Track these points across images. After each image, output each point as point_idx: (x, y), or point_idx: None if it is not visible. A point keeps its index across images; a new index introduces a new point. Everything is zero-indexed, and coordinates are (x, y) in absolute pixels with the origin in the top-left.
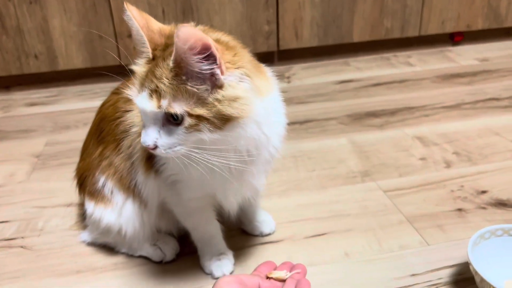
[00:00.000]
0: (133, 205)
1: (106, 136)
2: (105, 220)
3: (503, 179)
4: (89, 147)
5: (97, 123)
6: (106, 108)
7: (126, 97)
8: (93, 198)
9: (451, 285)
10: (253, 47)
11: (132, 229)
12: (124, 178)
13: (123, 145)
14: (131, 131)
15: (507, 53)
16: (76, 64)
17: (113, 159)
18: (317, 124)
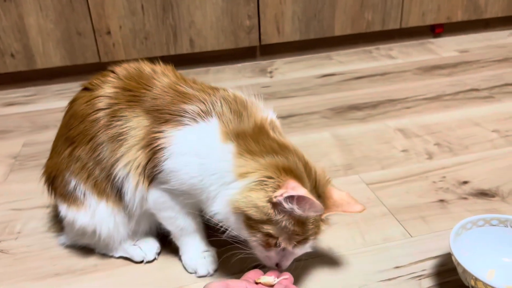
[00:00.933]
0: (106, 206)
1: (77, 135)
2: (79, 222)
3: (484, 169)
4: (58, 145)
5: (67, 121)
6: (78, 105)
7: (111, 93)
8: (65, 201)
9: (435, 276)
10: (234, 42)
11: (107, 230)
12: (99, 183)
13: (103, 151)
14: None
15: (486, 44)
16: (54, 62)
17: (86, 161)
18: (300, 119)
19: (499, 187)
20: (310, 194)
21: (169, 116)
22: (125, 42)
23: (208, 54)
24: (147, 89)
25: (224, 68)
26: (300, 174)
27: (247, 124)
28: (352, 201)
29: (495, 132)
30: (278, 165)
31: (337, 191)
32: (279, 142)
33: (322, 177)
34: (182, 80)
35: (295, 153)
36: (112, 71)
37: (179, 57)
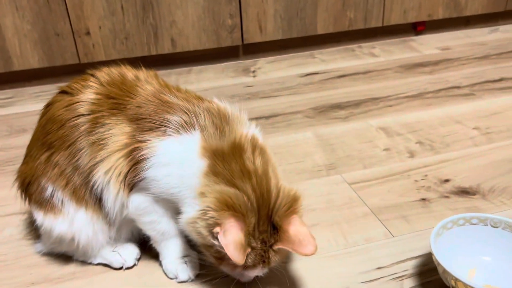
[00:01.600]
0: (85, 213)
1: (55, 140)
2: (56, 230)
3: (465, 166)
4: (33, 150)
5: (44, 125)
6: (56, 109)
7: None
8: (41, 208)
9: (417, 276)
10: (217, 42)
11: (86, 237)
12: (78, 190)
13: (82, 157)
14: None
15: (466, 41)
16: (32, 64)
17: (63, 168)
18: (283, 118)
19: (480, 185)
20: (233, 244)
21: (152, 125)
22: (105, 43)
23: (190, 54)
24: (130, 97)
25: (207, 67)
26: (244, 210)
27: (225, 141)
28: (305, 241)
29: (476, 129)
30: (224, 198)
31: (296, 226)
32: (244, 168)
33: (285, 207)
34: (166, 88)
35: (255, 182)
36: (92, 75)
37: (161, 57)
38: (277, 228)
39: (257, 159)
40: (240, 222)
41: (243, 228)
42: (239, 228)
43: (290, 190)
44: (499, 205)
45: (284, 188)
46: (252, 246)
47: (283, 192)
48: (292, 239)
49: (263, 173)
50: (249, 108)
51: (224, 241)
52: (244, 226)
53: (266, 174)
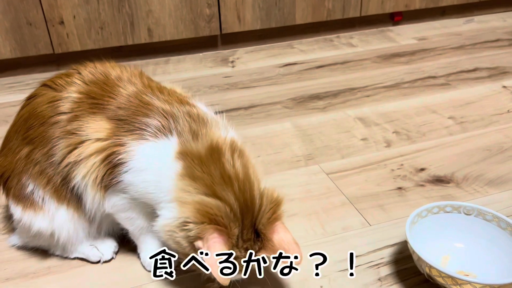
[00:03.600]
0: (67, 211)
1: (36, 136)
2: (36, 226)
3: (440, 155)
4: (12, 141)
5: (26, 119)
6: (39, 104)
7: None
8: (21, 203)
9: (393, 264)
10: (194, 31)
11: (66, 233)
12: (59, 190)
13: (62, 156)
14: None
15: (442, 31)
16: (3, 54)
17: (44, 166)
18: (261, 109)
19: (454, 173)
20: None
21: (131, 127)
22: (80, 32)
23: (168, 43)
24: (111, 97)
25: (185, 57)
26: (227, 222)
27: (201, 144)
28: (290, 250)
29: (451, 118)
30: (205, 210)
31: (280, 234)
32: (224, 172)
33: (268, 214)
34: (148, 89)
35: (239, 188)
36: (78, 71)
37: (137, 47)
38: (260, 235)
39: (237, 162)
40: (224, 235)
41: (226, 242)
42: (223, 243)
43: (273, 193)
44: (472, 193)
45: (267, 193)
46: (235, 256)
47: (266, 197)
48: (277, 248)
49: (245, 177)
50: (227, 98)
51: (209, 261)
52: (228, 239)
53: (249, 178)
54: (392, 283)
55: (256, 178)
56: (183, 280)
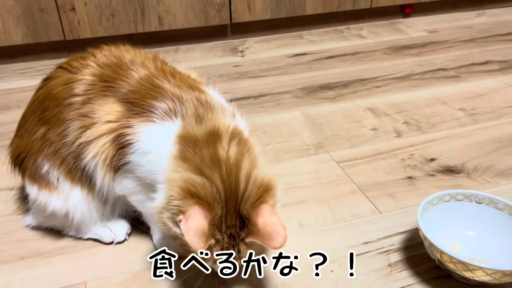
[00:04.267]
0: (81, 192)
1: (52, 117)
2: (51, 206)
3: (450, 146)
4: (28, 122)
5: (42, 100)
6: (55, 86)
7: (89, 80)
8: (36, 183)
9: (402, 250)
10: (205, 20)
11: (80, 214)
12: (72, 170)
13: (76, 137)
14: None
15: (454, 24)
16: (15, 40)
17: (58, 147)
18: (271, 98)
19: (464, 164)
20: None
21: (139, 110)
22: (91, 20)
23: (178, 32)
24: (123, 80)
25: (195, 46)
26: (210, 199)
27: (202, 129)
28: (274, 233)
29: (462, 110)
30: (188, 187)
31: (265, 217)
32: (215, 156)
33: (253, 198)
34: (161, 72)
35: (225, 172)
36: (93, 54)
37: (148, 35)
38: (246, 221)
39: (232, 149)
40: (205, 210)
41: (207, 217)
42: (203, 216)
43: (264, 179)
44: (482, 183)
45: (256, 178)
46: (216, 239)
47: (253, 183)
48: (261, 232)
49: (235, 163)
50: (237, 87)
51: (185, 228)
52: (209, 215)
53: (238, 164)
54: (402, 269)
55: (248, 165)
56: None
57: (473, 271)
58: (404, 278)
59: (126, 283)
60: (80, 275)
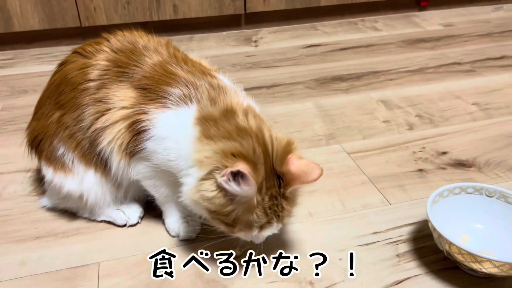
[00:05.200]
0: (95, 175)
1: (67, 102)
2: (66, 187)
3: (463, 140)
4: (45, 106)
5: (57, 84)
6: (70, 71)
7: (103, 66)
8: (52, 165)
9: (411, 241)
10: (219, 9)
11: (94, 196)
12: (87, 154)
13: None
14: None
15: (469, 18)
16: (32, 25)
17: (74, 130)
18: (284, 88)
19: (476, 158)
20: (249, 170)
21: (154, 95)
22: (107, 7)
23: (192, 21)
24: (137, 66)
25: (208, 35)
26: (253, 159)
27: (217, 108)
28: (309, 169)
29: (475, 105)
30: (229, 151)
31: (296, 162)
32: (239, 126)
33: (281, 153)
34: (173, 59)
35: (254, 137)
36: (107, 39)
37: (162, 23)
38: (281, 177)
39: (250, 120)
40: (250, 166)
41: (251, 173)
42: (248, 170)
43: (283, 138)
44: (494, 178)
45: (277, 137)
46: (258, 202)
47: (276, 141)
48: (297, 174)
49: (258, 130)
50: (250, 77)
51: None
52: (254, 172)
53: (261, 130)
54: (410, 260)
55: (267, 130)
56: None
57: (481, 263)
58: (412, 268)
59: (138, 265)
60: (93, 255)
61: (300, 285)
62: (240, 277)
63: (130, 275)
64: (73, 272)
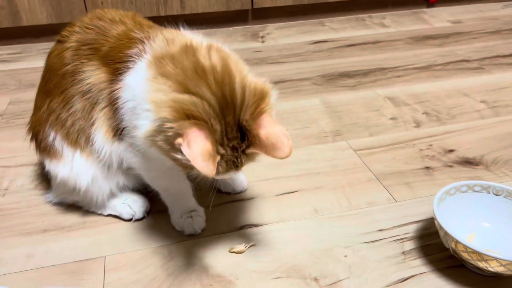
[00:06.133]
0: (81, 157)
1: (53, 88)
2: (60, 174)
3: (470, 138)
4: (38, 99)
5: (44, 75)
6: (52, 59)
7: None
8: (47, 154)
9: (417, 239)
10: (226, 5)
11: (85, 182)
12: (70, 134)
13: (74, 104)
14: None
15: (478, 15)
16: (40, 19)
17: (59, 112)
18: (290, 84)
19: (483, 156)
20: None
21: (119, 64)
22: (114, 2)
23: (199, 16)
24: (104, 39)
25: (215, 31)
26: (206, 117)
27: (174, 46)
28: (279, 143)
29: (483, 102)
30: (180, 107)
31: (266, 128)
32: (198, 65)
33: (252, 108)
34: (137, 25)
35: (216, 81)
36: (80, 20)
37: (169, 19)
38: (246, 132)
39: (213, 55)
40: (204, 130)
41: (208, 137)
42: (203, 136)
43: (257, 85)
44: (501, 176)
45: (250, 84)
46: (221, 154)
47: (249, 90)
48: (265, 143)
49: (223, 69)
50: (256, 73)
51: (190, 154)
52: (209, 134)
53: (228, 70)
54: (415, 257)
55: (238, 71)
56: (211, 240)
57: (488, 261)
58: (418, 266)
59: (144, 259)
60: (99, 249)
61: (305, 281)
62: (245, 272)
63: (136, 269)
64: (79, 265)
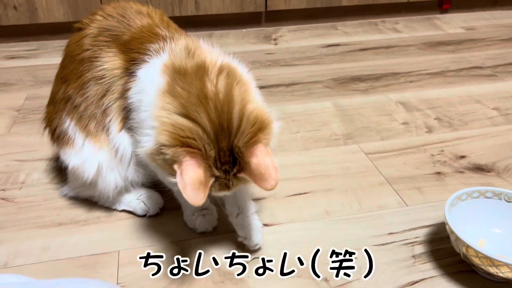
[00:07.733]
0: (89, 144)
1: (69, 74)
2: (71, 163)
3: (482, 145)
4: (54, 87)
5: (61, 62)
6: (70, 45)
7: (94, 33)
8: (62, 144)
9: (427, 243)
10: (240, 7)
11: (93, 169)
12: (82, 119)
13: (89, 89)
14: (104, 80)
15: (492, 22)
16: (57, 17)
17: (74, 98)
18: (302, 87)
19: (495, 163)
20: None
21: (136, 55)
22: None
23: (213, 17)
24: (126, 28)
25: (228, 32)
26: (200, 145)
27: (191, 62)
28: (266, 175)
29: (495, 109)
30: (177, 133)
31: (258, 158)
32: (201, 92)
33: (247, 137)
34: (164, 24)
35: (215, 109)
36: (102, 9)
37: (184, 19)
38: (238, 158)
39: (220, 82)
40: (197, 158)
41: (201, 164)
42: (197, 165)
43: (258, 115)
44: None
45: (250, 114)
46: (215, 176)
47: (247, 119)
48: (254, 172)
49: (226, 98)
50: (269, 75)
51: (182, 183)
52: (202, 161)
53: (230, 98)
54: (425, 261)
55: (241, 99)
56: (223, 238)
57: (499, 267)
58: (428, 270)
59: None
60: (113, 244)
61: (315, 281)
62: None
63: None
64: (93, 259)
